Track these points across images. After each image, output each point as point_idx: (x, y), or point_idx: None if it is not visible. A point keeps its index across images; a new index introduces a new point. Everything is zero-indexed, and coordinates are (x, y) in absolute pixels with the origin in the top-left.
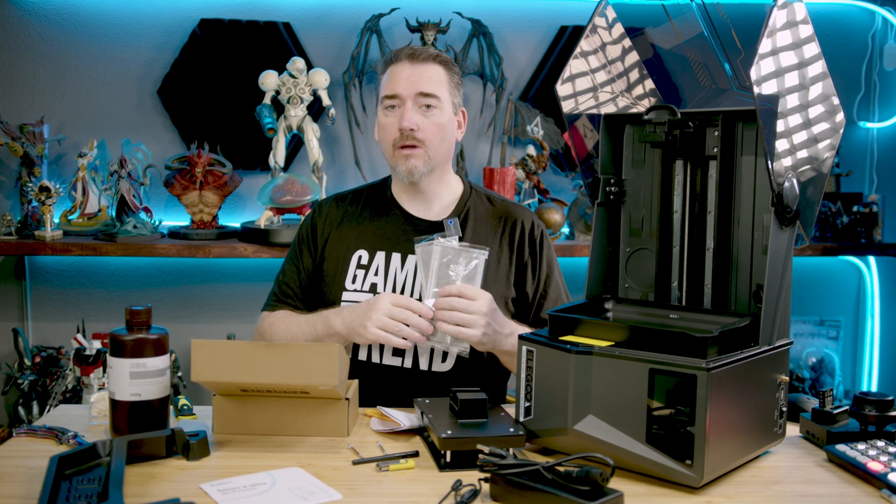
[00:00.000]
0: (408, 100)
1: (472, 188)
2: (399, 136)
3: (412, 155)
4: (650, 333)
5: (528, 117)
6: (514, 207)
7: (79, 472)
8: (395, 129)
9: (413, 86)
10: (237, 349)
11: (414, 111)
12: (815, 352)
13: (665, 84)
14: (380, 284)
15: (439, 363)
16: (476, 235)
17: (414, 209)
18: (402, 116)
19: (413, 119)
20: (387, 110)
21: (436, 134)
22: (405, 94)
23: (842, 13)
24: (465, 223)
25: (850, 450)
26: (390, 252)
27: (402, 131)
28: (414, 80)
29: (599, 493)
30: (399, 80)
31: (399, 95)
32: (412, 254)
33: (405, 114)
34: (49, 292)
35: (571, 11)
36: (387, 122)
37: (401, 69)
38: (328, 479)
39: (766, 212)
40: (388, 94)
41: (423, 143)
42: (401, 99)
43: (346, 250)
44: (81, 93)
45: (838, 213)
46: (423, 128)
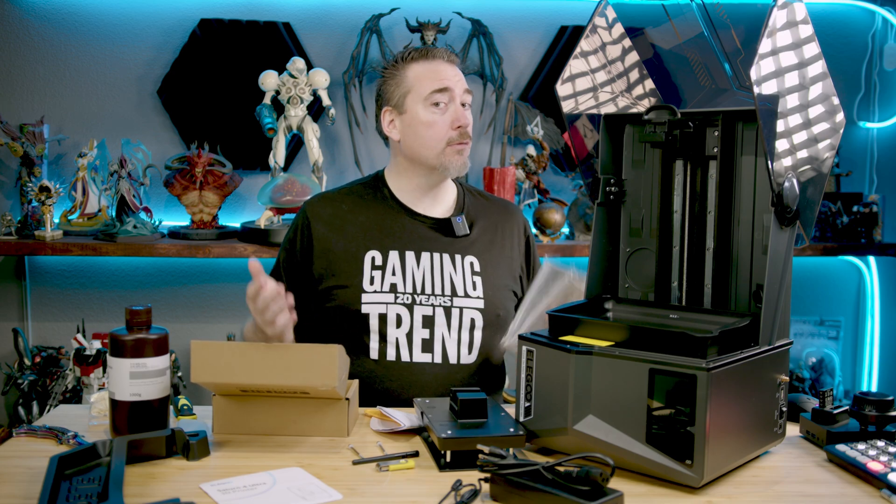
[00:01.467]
0: (457, 96)
1: (462, 186)
2: (457, 134)
3: (464, 150)
4: (650, 333)
5: (528, 117)
6: (507, 204)
7: (79, 472)
8: (447, 125)
9: (461, 83)
10: (237, 350)
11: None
12: (815, 352)
13: (665, 84)
14: (399, 284)
15: (466, 355)
16: (480, 230)
17: (420, 208)
18: (458, 113)
19: (466, 115)
20: (433, 107)
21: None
22: (457, 89)
23: (842, 13)
24: (468, 219)
25: (850, 450)
26: (403, 251)
27: (462, 128)
28: (459, 78)
29: (599, 493)
30: (447, 75)
31: (451, 90)
32: (426, 251)
33: (460, 110)
34: (49, 292)
35: (571, 11)
36: (435, 118)
37: (442, 66)
38: (328, 479)
39: (766, 212)
40: (439, 87)
41: (470, 139)
42: (452, 94)
43: (356, 252)
44: (81, 93)
45: (838, 213)
46: (470, 122)
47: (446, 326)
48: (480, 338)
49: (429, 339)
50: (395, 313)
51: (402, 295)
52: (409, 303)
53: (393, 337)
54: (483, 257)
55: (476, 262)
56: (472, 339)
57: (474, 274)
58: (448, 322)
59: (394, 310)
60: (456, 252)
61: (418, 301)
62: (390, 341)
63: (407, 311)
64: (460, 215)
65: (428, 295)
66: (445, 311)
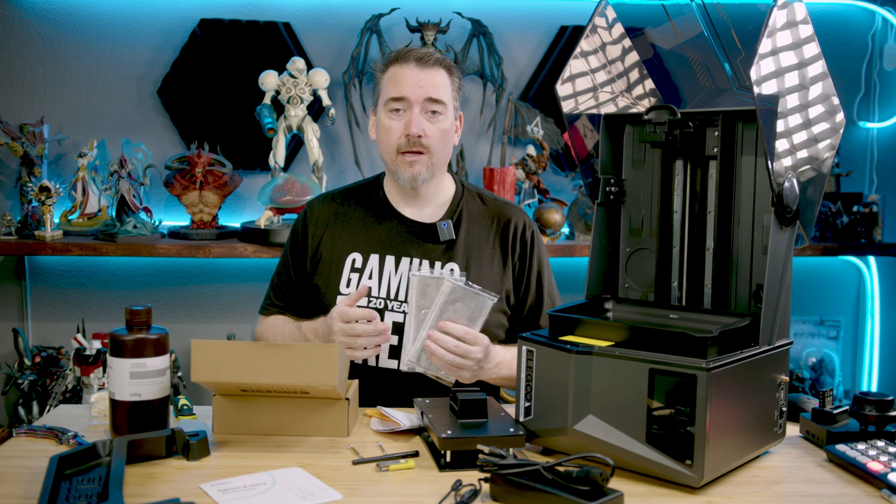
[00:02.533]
0: (415, 105)
1: (464, 187)
2: (405, 142)
3: (416, 161)
4: (650, 333)
5: (528, 117)
6: (507, 206)
7: (79, 472)
8: (400, 133)
9: (421, 91)
10: (237, 349)
11: (420, 116)
12: (815, 352)
13: (665, 84)
14: (374, 288)
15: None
16: (469, 236)
17: (408, 211)
18: (409, 122)
19: (420, 125)
20: (391, 113)
21: (440, 140)
22: (413, 98)
23: (842, 13)
24: (459, 224)
25: (850, 450)
26: (384, 255)
27: (410, 137)
28: (422, 86)
29: (599, 493)
30: (407, 83)
31: (407, 99)
32: (406, 256)
33: (413, 119)
34: (49, 292)
35: (571, 11)
36: (391, 125)
37: (408, 72)
38: (328, 479)
39: (766, 212)
40: (395, 96)
41: (427, 150)
42: (408, 103)
43: (340, 253)
44: (81, 93)
45: (838, 213)
46: (429, 134)
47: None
48: None
49: (397, 346)
50: None
51: (375, 300)
52: (380, 308)
53: None
54: (465, 263)
55: (456, 269)
56: None
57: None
58: None
59: None
60: (437, 258)
61: (390, 307)
62: None
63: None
64: (447, 220)
65: (400, 301)
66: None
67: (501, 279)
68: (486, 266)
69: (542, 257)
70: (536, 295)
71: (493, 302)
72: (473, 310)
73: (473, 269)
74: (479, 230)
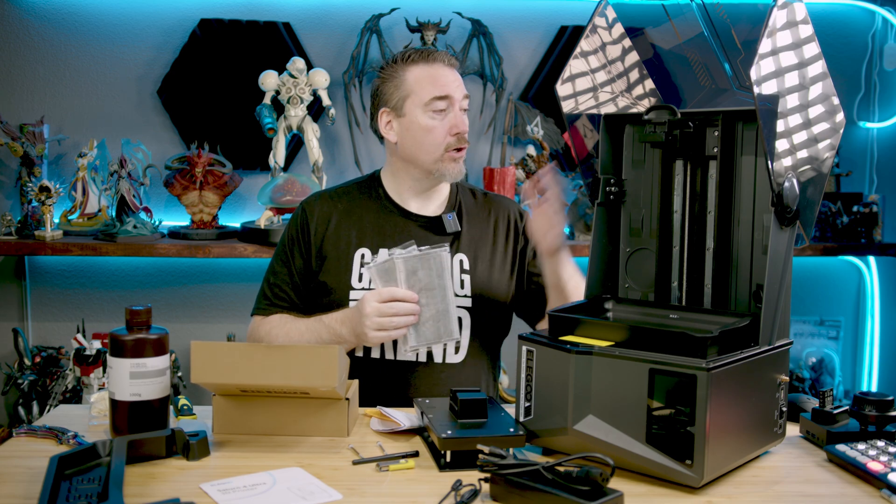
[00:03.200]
0: (457, 102)
1: (456, 184)
2: (455, 140)
3: (462, 157)
4: (650, 333)
5: (528, 117)
6: (497, 198)
7: (79, 472)
8: (445, 132)
9: (460, 89)
10: (237, 350)
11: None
12: (815, 352)
13: (665, 84)
14: None
15: (452, 354)
16: (472, 228)
17: (412, 206)
18: (457, 119)
19: (466, 121)
20: (434, 113)
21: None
22: (456, 96)
23: (842, 13)
24: (460, 217)
25: (850, 450)
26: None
27: (461, 135)
28: (459, 84)
29: (599, 493)
30: (448, 81)
31: (452, 97)
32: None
33: (459, 116)
34: (49, 292)
35: (571, 11)
36: (435, 124)
37: (444, 71)
38: (328, 479)
39: (766, 212)
40: (440, 94)
41: (467, 144)
42: (452, 100)
43: (347, 249)
44: (81, 93)
45: (838, 213)
46: (467, 130)
47: None
48: (468, 337)
49: None
50: None
51: None
52: None
53: None
54: (474, 255)
55: (466, 259)
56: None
57: (463, 272)
58: None
59: None
60: None
61: None
62: None
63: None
64: (451, 212)
65: None
66: None
67: (505, 266)
68: (490, 255)
69: None
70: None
71: (445, 251)
72: (435, 268)
73: (481, 258)
74: (480, 220)
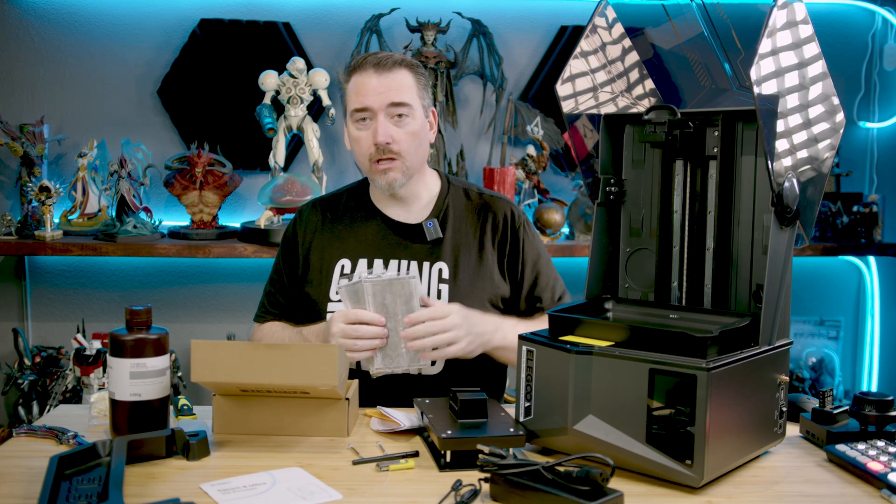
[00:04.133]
0: (379, 112)
1: (449, 183)
2: (375, 151)
3: (390, 168)
4: (650, 333)
5: (528, 117)
6: (493, 199)
7: (79, 472)
8: (370, 142)
9: (383, 97)
10: (237, 350)
11: (387, 123)
12: (815, 352)
13: (665, 84)
14: None
15: (428, 366)
16: (456, 234)
17: (393, 213)
18: (375, 130)
19: (387, 132)
20: (358, 123)
21: (410, 143)
22: (376, 106)
23: (842, 13)
24: (445, 222)
25: (850, 450)
26: (372, 259)
27: (378, 146)
28: (382, 91)
29: (599, 493)
30: (367, 91)
31: (370, 108)
32: (394, 259)
33: (378, 127)
34: (49, 292)
35: (571, 11)
36: (360, 135)
37: (367, 79)
38: (328, 479)
39: (766, 212)
40: (357, 106)
41: (399, 155)
42: (372, 111)
43: (329, 259)
44: (81, 93)
45: (838, 213)
46: (397, 139)
47: None
48: None
49: None
50: None
51: None
52: None
53: None
54: (454, 262)
55: (445, 268)
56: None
57: (441, 282)
58: None
59: None
60: (425, 259)
61: None
62: None
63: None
64: (432, 220)
65: None
66: None
67: (492, 274)
68: (475, 262)
69: (535, 244)
70: (534, 280)
71: (415, 280)
72: (404, 295)
73: (462, 265)
74: (466, 226)
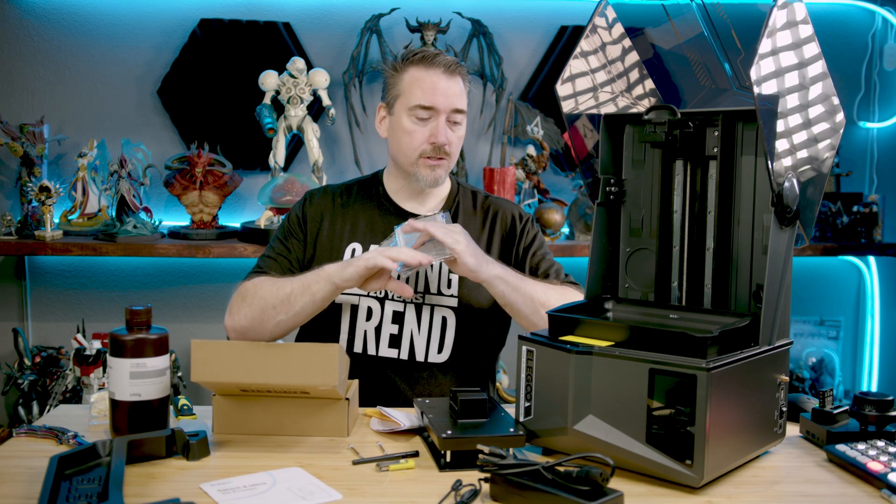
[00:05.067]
0: (443, 114)
1: (459, 185)
2: (430, 149)
3: (438, 166)
4: (650, 333)
5: (528, 117)
6: (498, 202)
7: (79, 472)
8: (424, 139)
9: (450, 101)
10: (237, 349)
11: (445, 125)
12: (815, 352)
13: (665, 84)
14: None
15: (435, 354)
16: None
17: (408, 205)
18: (436, 131)
19: (447, 135)
20: (417, 119)
21: (457, 147)
22: (442, 107)
23: (842, 13)
24: (455, 217)
25: (850, 450)
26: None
27: (436, 146)
28: (450, 96)
29: (599, 493)
30: (437, 92)
31: (436, 108)
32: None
33: (440, 129)
34: (49, 292)
35: (571, 11)
36: (415, 129)
37: (436, 79)
38: (328, 479)
39: (766, 212)
40: (424, 104)
41: (448, 156)
42: (436, 112)
43: (339, 243)
44: (81, 93)
45: (838, 213)
46: (451, 142)
47: (416, 323)
48: (453, 337)
49: (397, 334)
50: (366, 306)
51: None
52: (380, 297)
53: (361, 330)
54: None
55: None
56: (443, 337)
57: (451, 272)
58: (418, 319)
59: (365, 303)
60: None
61: (390, 296)
62: (358, 334)
63: (378, 304)
64: (445, 212)
65: None
66: (416, 308)
67: None
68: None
69: (539, 240)
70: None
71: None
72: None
73: None
74: (474, 225)
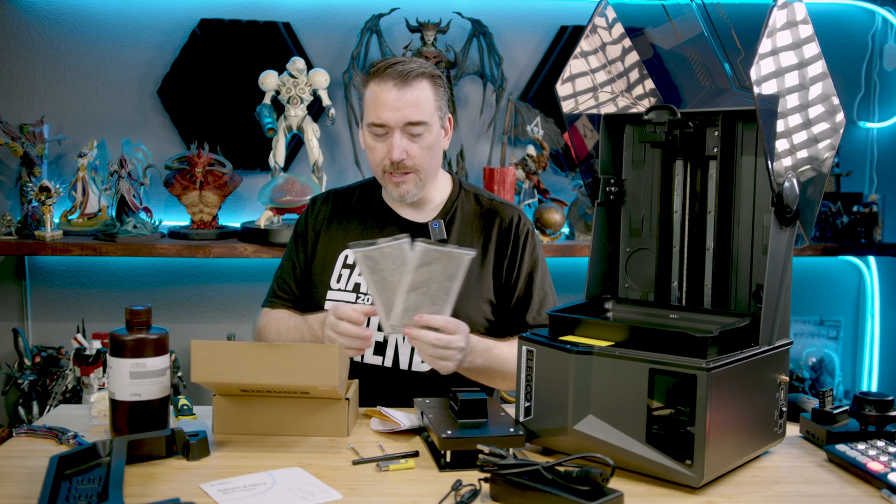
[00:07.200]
0: (396, 129)
1: (461, 187)
2: (389, 164)
3: (403, 181)
4: (650, 333)
5: (528, 117)
6: (501, 206)
7: (79, 472)
8: (384, 155)
9: (400, 115)
10: (237, 350)
11: (402, 139)
12: (815, 352)
13: (665, 84)
14: (362, 284)
15: (418, 363)
16: (461, 236)
17: (404, 212)
18: (391, 146)
19: (402, 149)
20: (375, 136)
21: (425, 157)
22: (393, 123)
23: (842, 13)
24: (452, 224)
25: (850, 450)
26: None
27: (393, 162)
28: (400, 108)
29: (599, 493)
30: (385, 107)
31: (386, 124)
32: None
33: (394, 145)
34: (49, 292)
35: (571, 11)
36: (374, 145)
37: (386, 94)
38: (328, 479)
39: (766, 212)
40: (374, 122)
41: (413, 168)
42: (388, 128)
43: (334, 249)
44: (81, 93)
45: (838, 213)
46: (412, 154)
47: None
48: None
49: (382, 342)
50: None
51: (364, 296)
52: (369, 304)
53: None
54: None
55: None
56: None
57: None
58: None
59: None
60: None
61: None
62: None
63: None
64: (439, 220)
65: None
66: None
67: (491, 277)
68: (476, 266)
69: (536, 255)
70: (525, 289)
71: (471, 255)
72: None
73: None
74: (472, 230)
